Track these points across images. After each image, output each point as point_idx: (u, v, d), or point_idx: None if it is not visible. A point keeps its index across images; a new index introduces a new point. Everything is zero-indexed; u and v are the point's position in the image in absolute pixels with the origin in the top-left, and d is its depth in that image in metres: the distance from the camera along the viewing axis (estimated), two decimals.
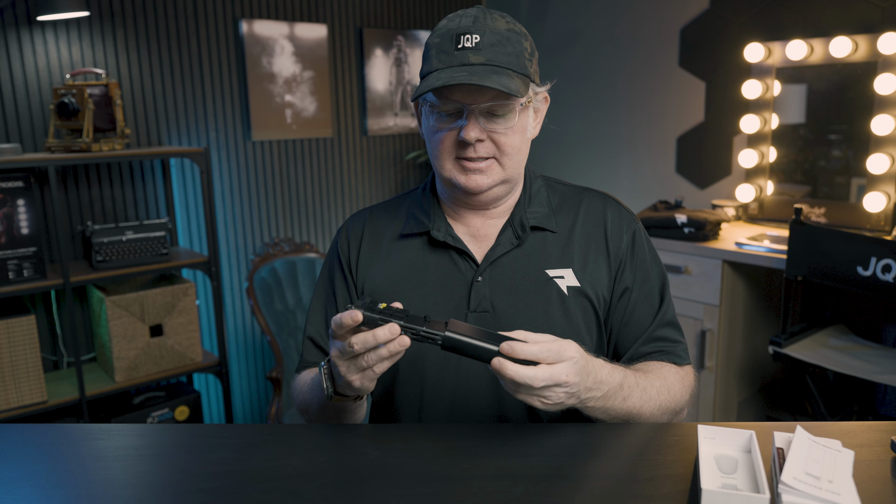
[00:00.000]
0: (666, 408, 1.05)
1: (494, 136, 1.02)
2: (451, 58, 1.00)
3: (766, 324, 2.68)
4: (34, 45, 2.44)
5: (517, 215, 1.12)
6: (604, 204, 1.16)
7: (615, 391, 0.97)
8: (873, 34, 2.42)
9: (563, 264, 1.10)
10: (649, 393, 1.02)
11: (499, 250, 1.10)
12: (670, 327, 1.15)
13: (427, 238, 1.13)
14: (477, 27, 1.01)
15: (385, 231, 1.17)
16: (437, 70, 1.01)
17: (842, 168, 2.59)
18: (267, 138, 3.03)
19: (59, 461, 0.91)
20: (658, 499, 0.79)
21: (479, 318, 1.08)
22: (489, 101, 1.00)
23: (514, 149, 1.04)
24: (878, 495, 0.79)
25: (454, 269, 1.10)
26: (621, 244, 1.13)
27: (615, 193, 1.31)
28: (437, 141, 1.05)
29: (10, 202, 2.24)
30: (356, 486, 0.84)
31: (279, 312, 2.79)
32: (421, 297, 1.10)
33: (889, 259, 1.93)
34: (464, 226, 1.13)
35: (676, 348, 1.15)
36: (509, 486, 0.82)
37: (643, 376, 1.05)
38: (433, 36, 1.04)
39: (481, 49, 1.00)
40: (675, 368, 1.12)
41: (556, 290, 1.09)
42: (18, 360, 2.27)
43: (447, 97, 1.01)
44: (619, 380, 0.98)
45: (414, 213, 1.16)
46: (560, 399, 0.88)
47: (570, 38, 3.39)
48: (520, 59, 1.02)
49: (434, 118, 1.05)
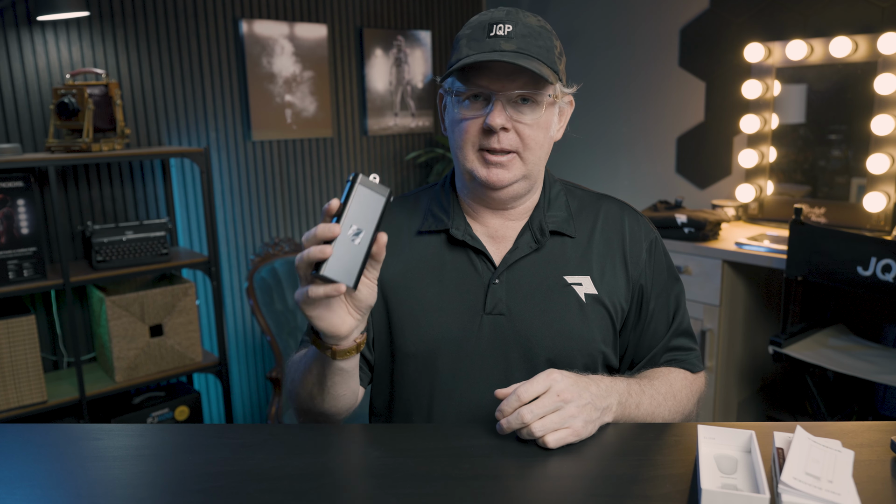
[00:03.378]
0: (676, 412, 1.06)
1: (519, 128, 1.01)
2: (483, 45, 0.99)
3: (766, 324, 2.68)
4: (34, 45, 2.44)
5: (536, 218, 1.10)
6: (622, 212, 1.15)
7: (626, 397, 0.98)
8: (873, 34, 2.42)
9: (581, 271, 1.09)
10: (657, 399, 1.03)
11: (517, 253, 1.08)
12: (685, 336, 1.15)
13: (445, 236, 1.11)
14: (510, 18, 1.00)
15: (402, 225, 1.14)
16: (468, 56, 1.00)
17: (842, 168, 2.59)
18: (267, 138, 3.03)
19: (59, 461, 0.91)
20: (658, 499, 0.79)
21: (494, 321, 1.07)
22: (518, 88, 0.99)
23: (537, 143, 1.03)
24: (878, 495, 0.79)
25: (471, 270, 1.09)
26: (640, 254, 1.12)
27: (615, 193, 1.31)
28: (461, 130, 1.03)
29: (10, 202, 2.24)
30: (356, 486, 0.84)
31: (279, 312, 2.79)
32: (437, 295, 1.09)
33: (889, 259, 1.93)
34: (482, 226, 1.12)
35: (690, 356, 1.15)
36: (509, 486, 0.82)
37: (648, 382, 1.05)
38: (464, 29, 1.04)
39: (513, 38, 0.99)
40: (684, 374, 1.12)
41: (574, 297, 1.08)
42: (18, 360, 2.27)
43: (475, 83, 1.00)
44: (624, 385, 0.99)
45: (433, 210, 1.14)
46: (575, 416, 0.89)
47: (569, 38, 3.39)
48: (550, 53, 1.01)
49: (459, 107, 1.03)
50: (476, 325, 1.07)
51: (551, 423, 0.88)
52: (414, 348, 1.08)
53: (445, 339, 1.07)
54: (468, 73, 1.00)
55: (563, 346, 1.06)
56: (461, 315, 1.07)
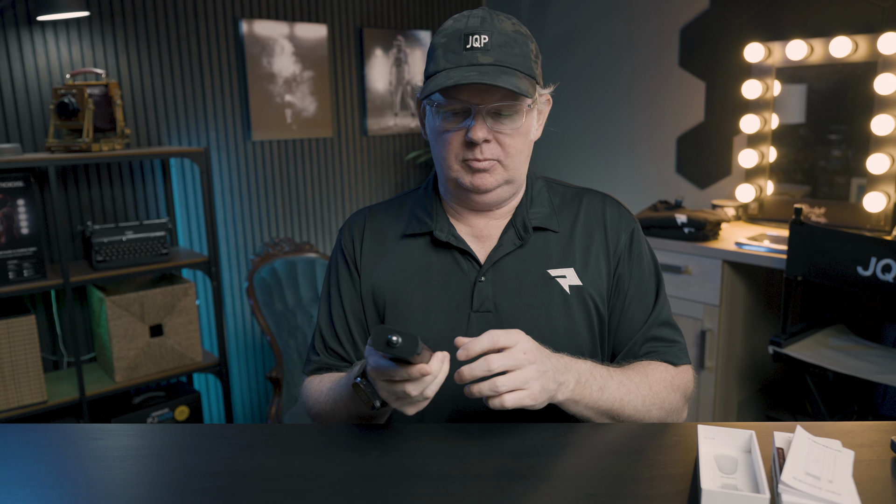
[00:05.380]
0: (652, 404, 1.04)
1: (500, 138, 1.02)
2: (460, 57, 1.00)
3: (766, 324, 2.68)
4: (34, 45, 2.44)
5: (519, 216, 1.12)
6: (603, 203, 1.17)
7: (587, 377, 0.97)
8: (873, 34, 2.42)
9: (564, 264, 1.11)
10: (627, 386, 1.02)
11: (502, 250, 1.10)
12: (666, 327, 1.15)
13: (430, 238, 1.13)
14: (485, 28, 1.00)
15: (387, 230, 1.17)
16: (446, 69, 1.00)
17: (842, 168, 2.59)
18: (267, 138, 3.03)
19: (59, 461, 0.91)
20: (658, 499, 0.79)
21: (482, 318, 1.08)
22: (497, 101, 1.00)
23: (517, 151, 1.05)
24: (878, 495, 0.79)
25: (457, 270, 1.11)
26: (619, 242, 1.14)
27: (615, 193, 1.31)
28: (443, 142, 1.05)
29: (10, 202, 2.24)
30: (356, 486, 0.84)
31: (279, 312, 2.79)
32: (424, 296, 1.10)
33: (889, 259, 1.93)
34: (466, 226, 1.13)
35: (673, 348, 1.14)
36: (509, 486, 0.82)
37: (619, 370, 1.05)
38: (439, 36, 1.04)
39: (490, 50, 0.99)
40: (664, 367, 1.11)
41: (559, 290, 1.09)
42: (18, 360, 2.27)
43: (455, 97, 1.01)
44: (587, 366, 0.99)
45: (416, 214, 1.16)
46: (535, 380, 0.88)
47: (569, 38, 3.39)
48: (526, 60, 1.02)
49: (440, 118, 1.04)
50: (464, 324, 1.09)
51: (513, 380, 0.87)
52: None
53: (435, 339, 1.08)
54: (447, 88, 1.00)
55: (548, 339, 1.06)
56: (449, 314, 1.09)
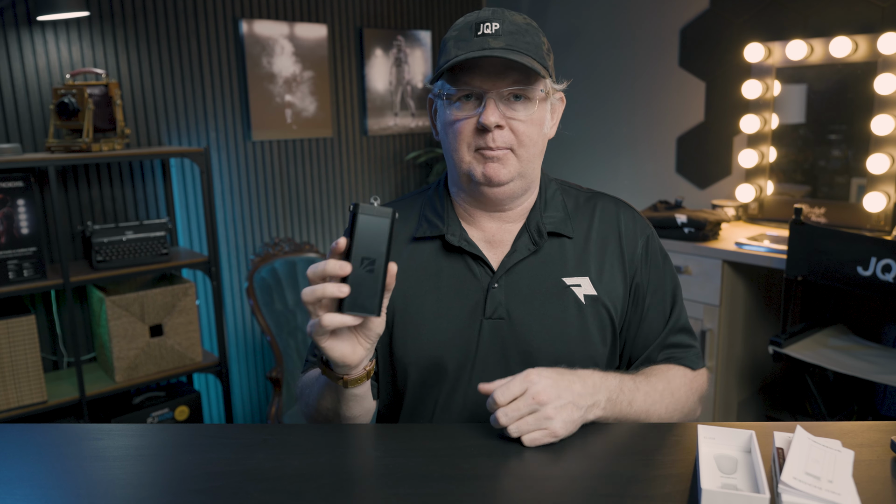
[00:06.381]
0: (674, 410, 1.05)
1: (513, 125, 1.01)
2: (471, 44, 0.99)
3: (766, 324, 2.68)
4: (34, 45, 2.44)
5: (533, 220, 1.10)
6: (617, 209, 1.15)
7: (617, 394, 0.97)
8: (873, 34, 2.42)
9: (579, 272, 1.08)
10: (653, 396, 1.02)
11: (516, 256, 1.08)
12: (683, 333, 1.15)
13: (441, 242, 1.10)
14: (496, 17, 1.00)
15: (397, 232, 1.13)
16: (456, 56, 0.99)
17: (842, 168, 2.59)
18: (267, 138, 3.03)
19: (59, 461, 0.91)
20: (658, 499, 0.79)
21: (494, 326, 1.06)
22: (509, 85, 0.99)
23: (531, 140, 1.03)
24: (878, 495, 0.79)
25: (469, 275, 1.08)
26: (636, 250, 1.12)
27: (615, 193, 1.31)
28: (454, 131, 1.03)
29: (10, 202, 2.24)
30: (356, 486, 0.84)
31: (279, 312, 2.79)
32: (436, 301, 1.08)
33: (889, 259, 1.93)
34: (479, 230, 1.11)
35: (689, 353, 1.14)
36: (509, 486, 0.82)
37: (644, 379, 1.04)
38: (450, 31, 1.03)
39: (501, 35, 0.99)
40: (683, 371, 1.11)
41: (573, 299, 1.07)
42: (18, 360, 2.27)
43: (466, 82, 1.00)
44: (615, 382, 0.98)
45: (427, 216, 1.12)
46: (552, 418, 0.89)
47: (569, 38, 3.39)
48: (539, 50, 1.01)
49: (451, 109, 1.02)
50: (476, 330, 1.07)
51: (526, 425, 0.89)
52: (415, 355, 1.08)
53: (446, 345, 1.07)
54: (458, 74, 1.00)
55: (562, 349, 1.06)
56: (461, 320, 1.07)
